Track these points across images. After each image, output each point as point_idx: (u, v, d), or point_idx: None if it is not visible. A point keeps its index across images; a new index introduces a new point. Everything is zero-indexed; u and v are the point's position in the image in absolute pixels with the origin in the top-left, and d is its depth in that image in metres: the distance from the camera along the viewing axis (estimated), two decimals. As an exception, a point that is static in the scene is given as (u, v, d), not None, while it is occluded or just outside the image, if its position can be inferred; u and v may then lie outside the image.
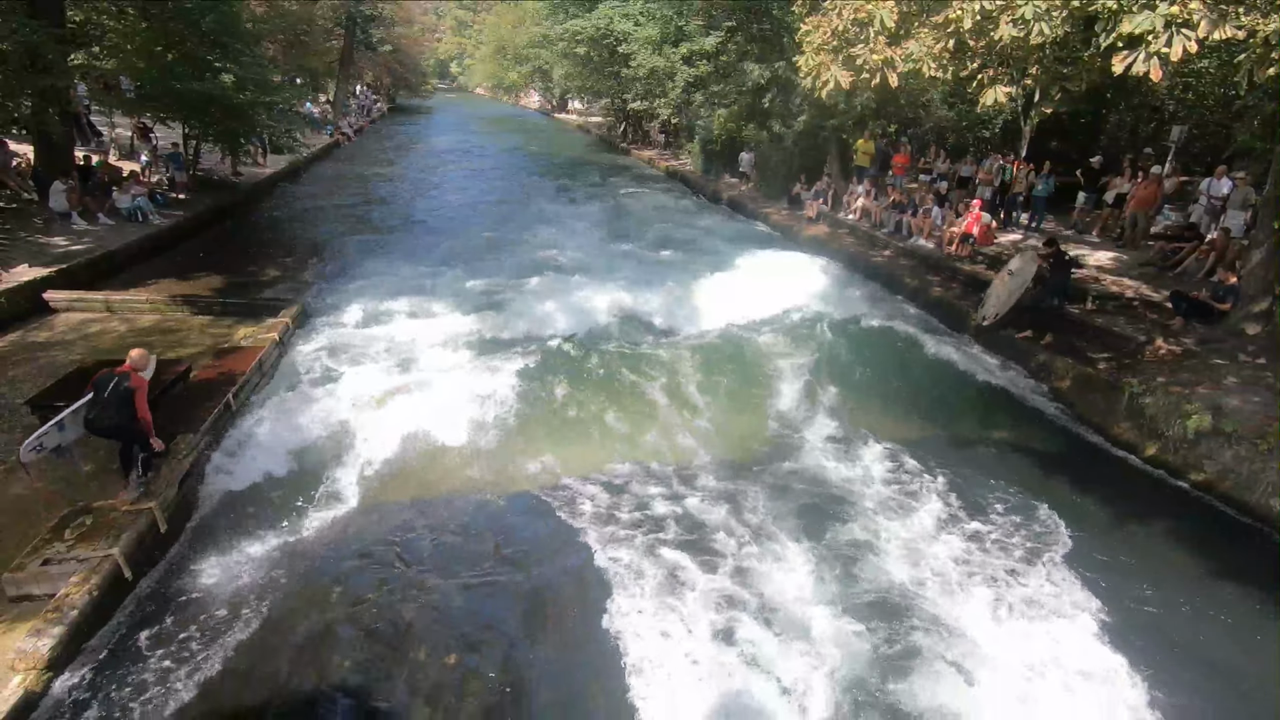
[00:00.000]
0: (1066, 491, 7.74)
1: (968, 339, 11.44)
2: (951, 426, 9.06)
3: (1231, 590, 6.34)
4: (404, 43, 52.71)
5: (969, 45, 8.20)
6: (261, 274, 13.40)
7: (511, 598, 5.94)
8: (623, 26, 27.97)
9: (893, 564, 6.42)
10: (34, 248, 11.83)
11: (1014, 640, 5.63)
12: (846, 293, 13.50)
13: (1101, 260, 12.95)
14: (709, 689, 5.08)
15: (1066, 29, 7.36)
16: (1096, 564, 6.54)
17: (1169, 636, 5.75)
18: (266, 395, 8.60)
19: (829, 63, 8.85)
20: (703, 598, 5.91)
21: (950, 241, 14.40)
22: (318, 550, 6.36)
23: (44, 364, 8.51)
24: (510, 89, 70.27)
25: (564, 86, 48.77)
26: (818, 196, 19.04)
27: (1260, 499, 7.19)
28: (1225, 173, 12.46)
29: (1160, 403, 8.32)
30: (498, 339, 10.39)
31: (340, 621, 5.58)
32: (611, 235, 17.80)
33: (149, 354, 6.27)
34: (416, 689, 5.05)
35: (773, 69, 19.80)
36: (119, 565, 5.47)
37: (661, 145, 35.14)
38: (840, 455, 8.22)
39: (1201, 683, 5.35)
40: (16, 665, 4.63)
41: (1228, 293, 9.74)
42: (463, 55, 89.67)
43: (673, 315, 12.01)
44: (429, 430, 8.16)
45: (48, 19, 12.53)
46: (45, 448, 6.10)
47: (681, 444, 8.29)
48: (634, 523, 6.86)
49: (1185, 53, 6.23)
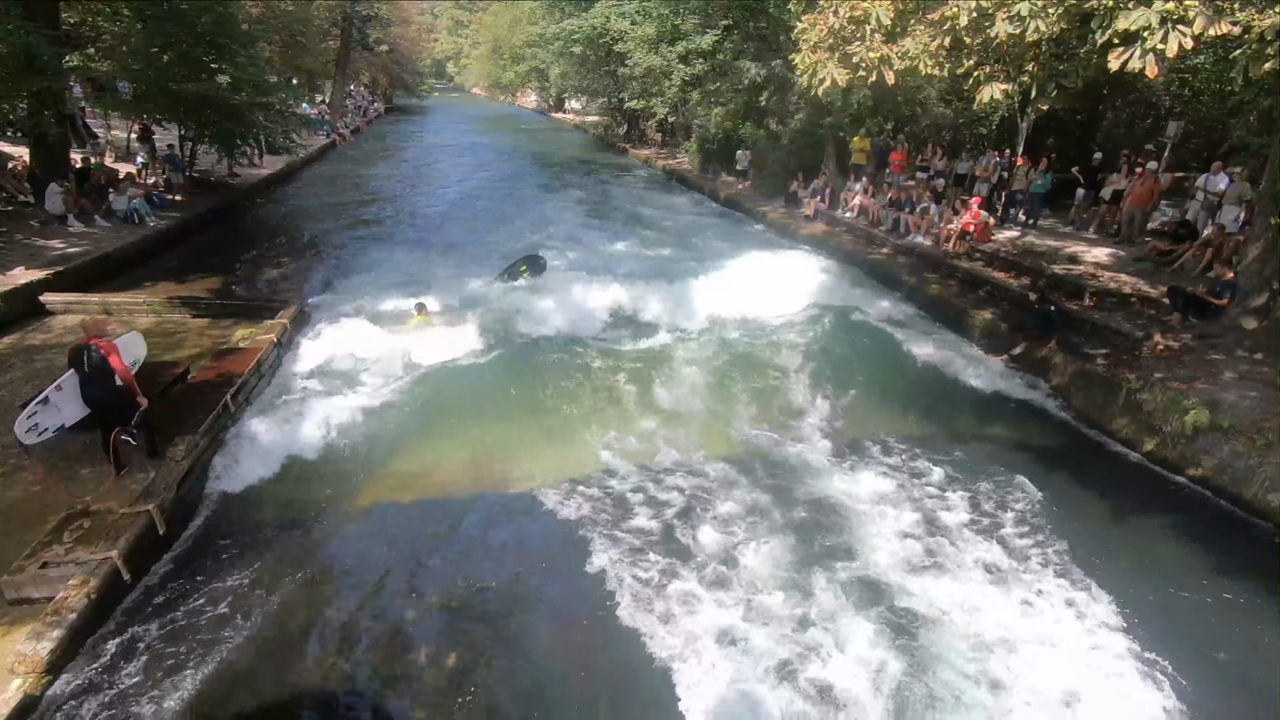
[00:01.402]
0: (1064, 487, 7.75)
1: (965, 336, 11.45)
2: (949, 423, 9.07)
3: (1229, 585, 6.36)
4: (401, 43, 52.70)
5: (965, 42, 8.20)
6: (259, 275, 13.38)
7: (512, 597, 5.94)
8: (619, 25, 27.94)
9: (889, 559, 6.42)
10: (30, 250, 11.80)
11: (1012, 636, 5.64)
12: (844, 290, 13.50)
13: (1099, 256, 12.97)
14: (711, 688, 5.08)
15: (1062, 26, 7.36)
16: (1094, 559, 6.55)
17: (1166, 630, 5.75)
18: (265, 397, 8.60)
19: (826, 60, 8.85)
20: (704, 596, 5.91)
21: (947, 239, 14.42)
22: (317, 551, 6.36)
23: (41, 367, 8.49)
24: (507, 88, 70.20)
25: (561, 86, 48.74)
26: (815, 194, 19.05)
27: (1257, 494, 7.20)
28: (1222, 168, 12.48)
29: (1158, 398, 8.34)
30: (496, 338, 10.38)
31: (341, 622, 5.57)
32: (608, 235, 17.79)
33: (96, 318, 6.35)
34: (417, 690, 5.05)
35: (769, 67, 19.82)
36: (118, 568, 5.46)
37: (659, 144, 35.14)
38: (837, 452, 8.23)
39: (1199, 676, 5.36)
40: (15, 668, 4.62)
41: (1225, 288, 9.75)
42: (459, 55, 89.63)
43: (671, 314, 12.01)
44: (428, 430, 8.17)
45: (42, 20, 12.50)
46: (46, 429, 6.16)
47: (680, 442, 8.28)
48: (634, 521, 6.86)
49: (1181, 49, 6.24)
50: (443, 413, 8.51)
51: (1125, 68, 6.56)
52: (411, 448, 7.90)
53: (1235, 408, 7.85)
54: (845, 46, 8.65)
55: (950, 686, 5.19)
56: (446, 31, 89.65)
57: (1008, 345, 10.54)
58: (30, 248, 11.94)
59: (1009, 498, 7.44)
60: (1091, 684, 5.27)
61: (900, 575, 6.25)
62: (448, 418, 8.46)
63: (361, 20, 43.13)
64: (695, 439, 8.39)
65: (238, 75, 16.38)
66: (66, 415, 6.42)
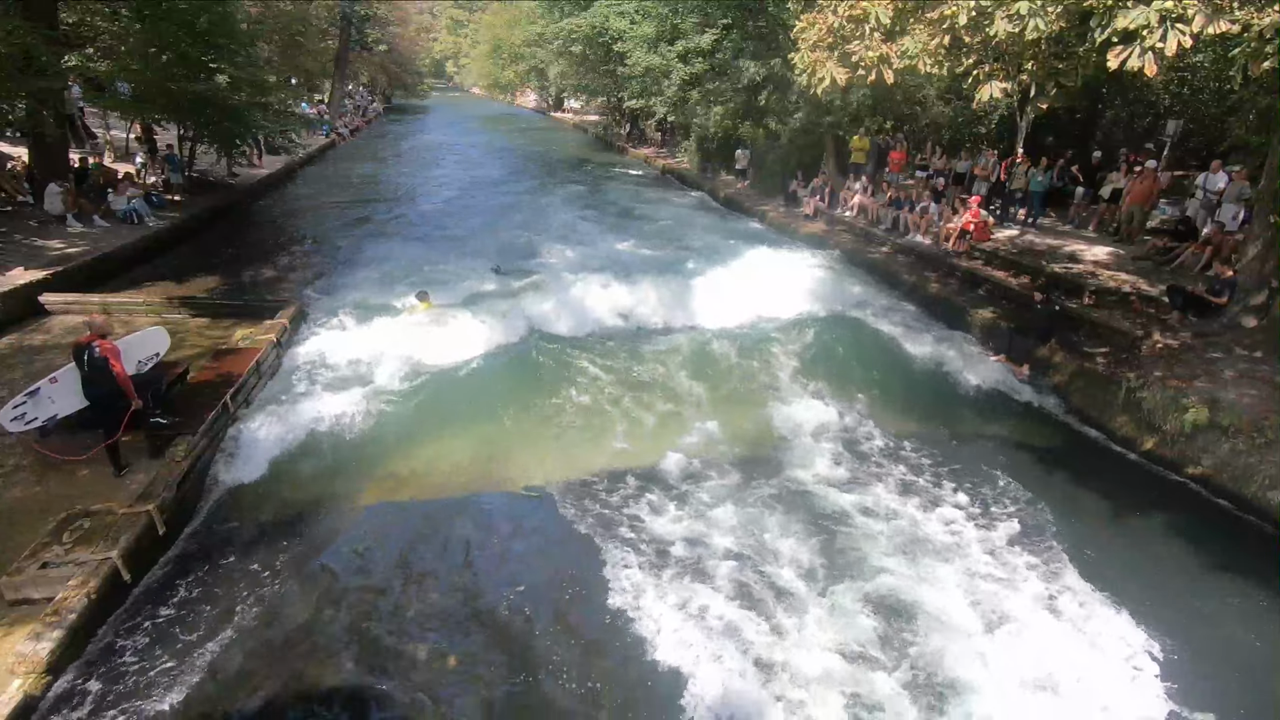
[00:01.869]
0: (1064, 486, 7.77)
1: (965, 334, 11.45)
2: (949, 422, 9.08)
3: (1228, 583, 6.37)
4: (399, 42, 52.63)
5: (964, 41, 8.21)
6: (258, 275, 13.38)
7: (513, 597, 5.94)
8: (618, 24, 27.91)
9: (891, 558, 6.42)
10: (29, 250, 11.79)
11: (1011, 632, 5.65)
12: (844, 289, 13.50)
13: (1098, 255, 12.97)
14: (713, 687, 5.08)
15: (1061, 24, 7.36)
16: (1094, 558, 6.56)
17: (1165, 628, 5.76)
18: (264, 396, 8.59)
19: (825, 59, 8.86)
20: (706, 595, 5.91)
21: (947, 238, 14.41)
22: (317, 551, 6.35)
23: (40, 367, 8.47)
24: (506, 88, 70.18)
25: (560, 85, 48.72)
26: (814, 194, 19.04)
27: (1257, 492, 7.21)
28: (1221, 167, 12.48)
29: (1157, 397, 8.34)
30: (496, 337, 10.37)
31: (341, 622, 5.58)
32: (608, 234, 17.79)
33: (100, 316, 6.69)
34: (418, 690, 5.05)
35: (769, 66, 19.78)
36: (118, 568, 5.46)
37: (658, 144, 35.12)
38: (836, 449, 8.24)
39: (1198, 673, 5.37)
40: (16, 669, 4.62)
41: (1224, 287, 9.75)
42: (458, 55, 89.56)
43: (670, 312, 12.01)
44: (428, 429, 8.17)
45: (40, 20, 12.48)
46: (34, 420, 6.26)
47: (680, 441, 8.29)
48: (636, 520, 6.87)
49: (1180, 47, 6.25)
50: (442, 412, 8.50)
51: (1124, 66, 6.56)
52: (411, 447, 7.90)
53: (1235, 406, 7.85)
54: (844, 45, 8.67)
55: (951, 685, 5.19)
56: (445, 31, 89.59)
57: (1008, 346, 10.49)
58: (29, 248, 11.93)
59: (1008, 496, 7.45)
60: (1090, 680, 5.27)
61: (899, 572, 6.25)
62: (447, 417, 8.45)
63: (360, 20, 43.07)
64: (695, 437, 8.39)
65: (237, 75, 16.35)
66: (60, 407, 6.60)
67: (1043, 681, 5.27)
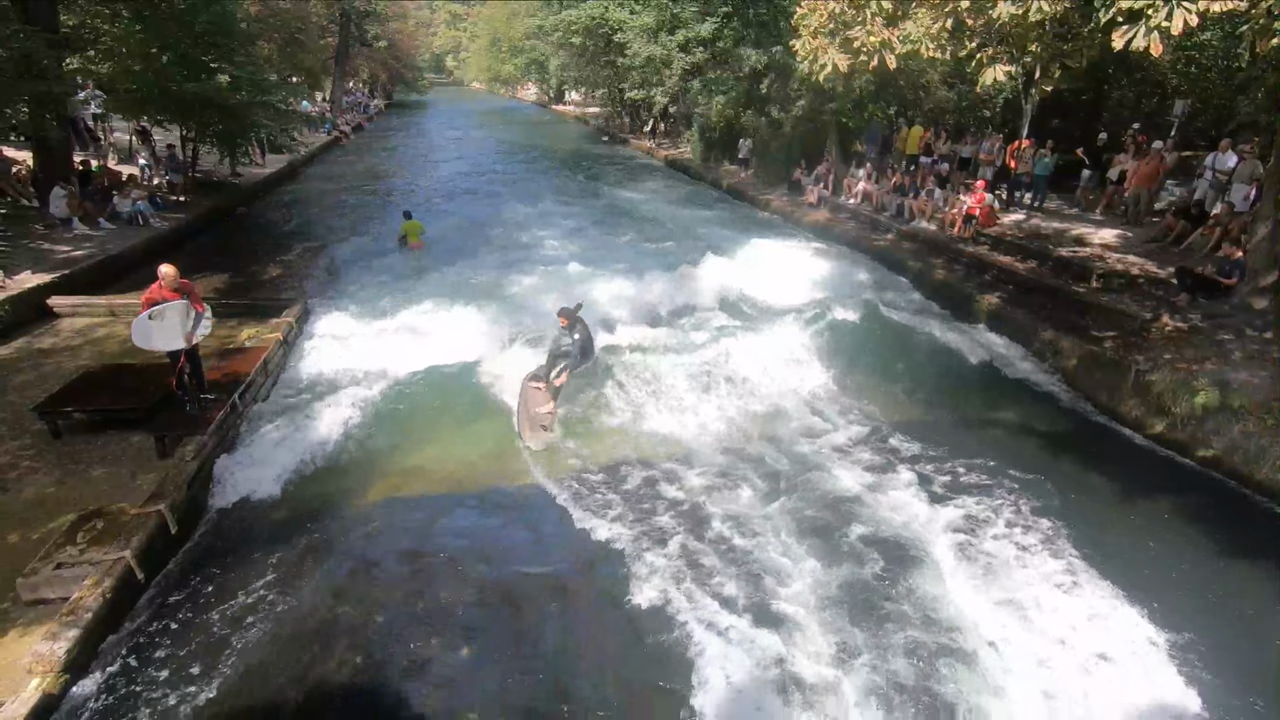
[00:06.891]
0: (1073, 470, 7.73)
1: (972, 320, 11.40)
2: (958, 407, 9.05)
3: (1239, 565, 6.34)
4: (399, 38, 52.58)
5: (967, 24, 8.14)
6: (263, 274, 13.41)
7: (524, 592, 5.96)
8: (618, 15, 27.79)
9: (899, 545, 6.41)
10: (36, 254, 11.86)
11: (1024, 620, 5.64)
12: (849, 277, 13.45)
13: (1106, 238, 12.87)
14: (723, 681, 5.10)
15: (1065, 5, 7.30)
16: (1104, 542, 6.53)
17: (1175, 611, 5.74)
18: (272, 395, 8.64)
19: (826, 46, 8.79)
20: (716, 588, 5.93)
21: (952, 223, 14.33)
22: (329, 548, 6.39)
23: (50, 370, 8.55)
24: (506, 82, 70.04)
25: (560, 78, 48.58)
26: (818, 181, 18.96)
27: (1268, 474, 7.17)
28: (1230, 146, 12.33)
29: (1167, 380, 8.29)
30: (501, 332, 10.38)
31: (353, 617, 5.61)
32: (611, 226, 17.76)
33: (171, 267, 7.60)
34: (432, 683, 5.09)
35: (769, 54, 19.68)
36: (131, 567, 5.51)
37: (660, 134, 34.99)
38: (844, 437, 8.21)
39: (1209, 656, 5.35)
40: (33, 668, 4.67)
41: (1233, 268, 9.66)
42: (458, 49, 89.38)
43: (674, 303, 11.99)
44: (438, 425, 8.19)
45: (41, 23, 12.50)
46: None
47: (688, 432, 8.29)
48: (647, 514, 6.88)
49: (1186, 26, 6.16)
50: (452, 407, 8.53)
51: (1129, 46, 6.48)
52: (421, 443, 7.92)
53: (1245, 387, 7.79)
54: (845, 31, 8.59)
55: (961, 671, 5.20)
56: (444, 25, 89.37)
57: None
58: (36, 252, 12.00)
59: (1016, 481, 7.42)
60: (1100, 663, 5.27)
61: (907, 558, 6.25)
62: (457, 412, 8.48)
63: (359, 16, 43.03)
64: (702, 429, 8.39)
65: (237, 75, 16.35)
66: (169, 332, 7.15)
67: (1052, 661, 5.27)
